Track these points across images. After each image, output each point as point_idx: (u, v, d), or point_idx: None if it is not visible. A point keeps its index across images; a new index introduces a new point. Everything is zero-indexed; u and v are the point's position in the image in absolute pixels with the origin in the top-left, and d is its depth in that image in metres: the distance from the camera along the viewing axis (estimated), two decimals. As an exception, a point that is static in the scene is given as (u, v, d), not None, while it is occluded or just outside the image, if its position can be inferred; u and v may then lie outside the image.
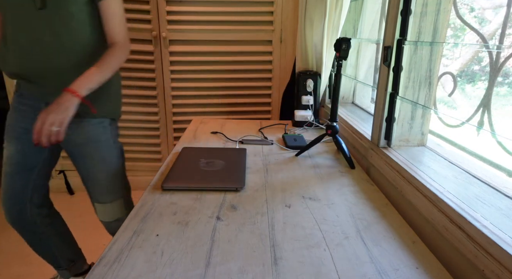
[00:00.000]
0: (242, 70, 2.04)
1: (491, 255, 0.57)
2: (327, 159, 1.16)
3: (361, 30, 1.63)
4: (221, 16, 1.93)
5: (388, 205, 0.87)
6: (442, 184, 0.78)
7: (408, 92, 0.99)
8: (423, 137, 1.04)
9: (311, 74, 1.57)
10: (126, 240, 0.70)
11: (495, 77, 0.81)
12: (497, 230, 0.60)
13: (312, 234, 0.73)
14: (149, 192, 0.91)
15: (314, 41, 1.60)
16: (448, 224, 0.68)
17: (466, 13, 1.02)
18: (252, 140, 1.35)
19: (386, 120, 1.02)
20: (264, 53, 2.03)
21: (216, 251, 0.68)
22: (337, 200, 0.88)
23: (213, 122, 1.62)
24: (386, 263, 0.65)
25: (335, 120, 1.16)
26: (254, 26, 1.97)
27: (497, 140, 0.82)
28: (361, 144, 1.17)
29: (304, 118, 1.54)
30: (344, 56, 1.09)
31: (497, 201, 0.70)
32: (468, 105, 1.00)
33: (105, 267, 0.63)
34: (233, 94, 2.07)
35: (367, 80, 1.65)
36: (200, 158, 1.09)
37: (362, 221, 0.79)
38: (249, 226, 0.76)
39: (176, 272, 0.61)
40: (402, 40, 0.95)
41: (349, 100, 1.74)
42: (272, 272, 0.62)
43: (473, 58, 1.05)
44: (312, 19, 1.58)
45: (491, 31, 0.93)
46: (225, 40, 1.97)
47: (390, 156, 0.96)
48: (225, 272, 0.62)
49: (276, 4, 1.93)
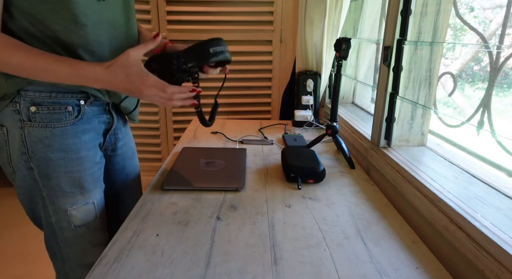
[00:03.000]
0: (242, 70, 2.04)
1: (491, 255, 0.57)
2: (327, 159, 1.16)
3: (361, 30, 1.63)
4: (221, 16, 1.93)
5: (388, 205, 0.87)
6: (442, 184, 0.78)
7: (408, 92, 0.99)
8: (423, 137, 1.04)
9: (311, 74, 1.57)
10: (126, 240, 0.70)
11: (495, 77, 0.81)
12: (497, 230, 0.60)
13: (312, 234, 0.73)
14: (149, 192, 0.91)
15: (314, 41, 1.60)
16: (448, 224, 0.68)
17: (466, 13, 1.02)
18: (252, 139, 1.35)
19: (386, 120, 1.02)
20: (264, 53, 2.02)
21: (216, 251, 0.68)
22: (337, 200, 0.88)
23: (214, 122, 1.62)
24: (386, 263, 0.65)
25: (335, 120, 1.16)
26: (254, 26, 1.97)
27: (497, 139, 0.82)
28: (361, 144, 1.17)
29: (304, 118, 1.54)
30: (344, 56, 1.09)
31: (497, 201, 0.70)
32: (468, 105, 1.00)
33: (105, 267, 0.63)
34: (233, 94, 2.07)
35: (367, 80, 1.65)
36: (200, 158, 1.09)
37: (362, 221, 0.79)
38: (249, 226, 0.76)
39: (176, 272, 0.61)
40: (402, 40, 0.95)
41: (349, 100, 1.74)
42: (272, 272, 0.62)
43: (473, 58, 1.05)
44: (312, 19, 1.58)
45: (491, 31, 0.93)
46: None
47: (390, 156, 0.96)
48: (225, 272, 0.62)
49: (276, 4, 1.93)
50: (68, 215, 0.80)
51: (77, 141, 0.78)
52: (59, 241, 0.82)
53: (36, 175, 0.76)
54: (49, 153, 0.75)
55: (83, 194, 0.81)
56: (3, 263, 1.68)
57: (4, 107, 0.73)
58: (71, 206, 0.79)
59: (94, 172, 0.82)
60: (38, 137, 0.74)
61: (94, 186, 0.83)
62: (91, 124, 0.81)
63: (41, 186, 0.77)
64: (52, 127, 0.75)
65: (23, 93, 0.72)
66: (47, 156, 0.75)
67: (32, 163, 0.75)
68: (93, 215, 0.84)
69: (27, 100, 0.73)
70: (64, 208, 0.79)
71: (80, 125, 0.78)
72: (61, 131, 0.76)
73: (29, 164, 0.75)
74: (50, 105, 0.74)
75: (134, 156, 1.04)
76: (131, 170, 1.02)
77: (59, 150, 0.76)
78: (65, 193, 0.78)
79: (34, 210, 0.82)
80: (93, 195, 0.83)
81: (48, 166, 0.76)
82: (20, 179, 0.78)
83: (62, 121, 0.76)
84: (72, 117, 0.77)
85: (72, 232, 0.81)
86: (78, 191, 0.80)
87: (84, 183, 0.80)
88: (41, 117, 0.73)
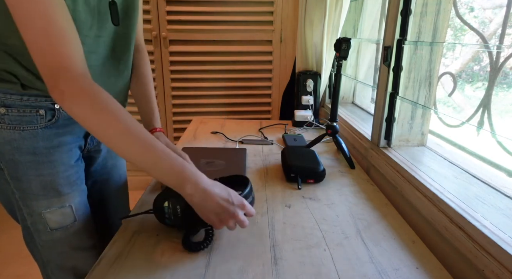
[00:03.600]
0: (242, 70, 2.04)
1: (491, 255, 0.57)
2: (327, 159, 1.16)
3: (361, 30, 1.63)
4: (221, 16, 1.93)
5: (388, 205, 0.87)
6: (442, 184, 0.78)
7: (408, 92, 0.99)
8: (423, 137, 1.04)
9: (311, 74, 1.57)
10: (126, 240, 0.70)
11: (495, 77, 0.81)
12: (497, 230, 0.60)
13: (312, 234, 0.73)
14: (149, 192, 0.91)
15: (314, 41, 1.60)
16: (448, 224, 0.68)
17: (466, 13, 1.02)
18: (252, 140, 1.35)
19: (386, 120, 1.02)
20: (264, 53, 2.03)
21: (216, 251, 0.68)
22: (337, 200, 0.88)
23: (213, 122, 1.62)
24: (386, 263, 0.65)
25: (335, 120, 1.16)
26: (254, 26, 1.97)
27: (497, 139, 0.82)
28: (361, 144, 1.17)
29: (304, 118, 1.54)
30: (344, 56, 1.09)
31: (497, 201, 0.70)
32: (468, 105, 1.00)
33: (105, 267, 0.63)
34: (233, 94, 2.07)
35: (367, 80, 1.65)
36: (200, 158, 1.09)
37: (362, 221, 0.79)
38: (249, 226, 0.76)
39: (176, 272, 0.61)
40: (402, 40, 0.95)
41: (349, 100, 1.74)
42: (272, 272, 0.62)
43: (473, 58, 1.05)
44: (312, 19, 1.58)
45: (491, 31, 0.93)
46: (225, 40, 1.97)
47: (390, 156, 0.96)
48: (225, 272, 0.62)
49: (276, 4, 1.93)
50: (43, 218, 0.78)
51: (48, 144, 0.75)
52: (37, 244, 0.81)
53: (7, 176, 0.75)
54: (17, 155, 0.73)
55: (58, 197, 0.78)
56: (3, 263, 1.68)
57: None
58: (45, 209, 0.77)
59: (69, 175, 0.79)
60: (6, 139, 0.72)
61: (70, 189, 0.80)
62: (68, 128, 0.79)
63: (13, 189, 0.76)
64: (21, 130, 0.73)
65: None
66: (15, 158, 0.73)
67: (2, 164, 0.74)
68: (70, 218, 0.80)
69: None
70: (38, 211, 0.77)
71: (53, 129, 0.76)
72: (30, 134, 0.73)
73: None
74: (20, 108, 0.72)
75: (118, 157, 1.01)
76: (114, 168, 1.00)
77: (28, 153, 0.74)
78: (37, 196, 0.76)
79: (13, 211, 0.81)
80: (70, 198, 0.80)
81: (17, 168, 0.74)
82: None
83: (32, 124, 0.73)
84: (44, 121, 0.75)
85: (49, 234, 0.79)
86: (52, 194, 0.77)
87: (57, 186, 0.77)
88: (10, 119, 0.71)
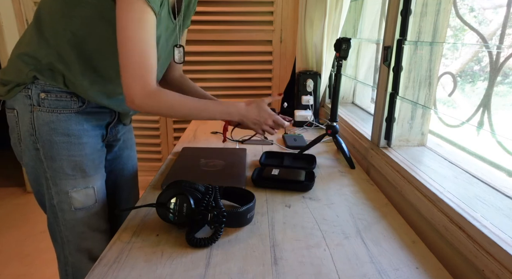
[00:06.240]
0: (242, 70, 2.04)
1: (491, 255, 0.57)
2: (327, 159, 1.16)
3: (361, 30, 1.63)
4: (221, 16, 1.93)
5: (388, 205, 0.87)
6: (442, 184, 0.78)
7: (408, 92, 0.99)
8: (423, 137, 1.04)
9: (311, 74, 1.57)
10: (126, 240, 0.70)
11: (495, 77, 0.81)
12: (497, 230, 0.60)
13: (312, 234, 0.73)
14: (149, 192, 0.91)
15: (314, 41, 1.60)
16: (448, 224, 0.68)
17: (466, 13, 1.02)
18: (252, 139, 1.35)
19: (386, 120, 1.02)
20: (264, 53, 2.03)
21: (216, 251, 0.68)
22: (337, 200, 0.88)
23: (213, 122, 1.62)
24: (386, 263, 0.65)
25: (335, 120, 1.16)
26: (254, 26, 1.97)
27: (497, 139, 0.82)
28: (361, 144, 1.17)
29: (304, 118, 1.54)
30: (344, 56, 1.09)
31: (497, 201, 0.70)
32: (468, 105, 1.00)
33: (105, 267, 0.63)
34: (233, 94, 2.07)
35: (367, 80, 1.65)
36: (200, 158, 1.09)
37: (362, 221, 0.79)
38: (249, 226, 0.76)
39: (176, 272, 0.61)
40: (402, 40, 0.95)
41: (349, 100, 1.74)
42: (272, 272, 0.62)
43: (473, 58, 1.05)
44: (312, 19, 1.58)
45: (491, 31, 0.93)
46: (225, 40, 1.97)
47: (390, 156, 0.96)
48: (225, 272, 0.62)
49: (276, 4, 1.93)
50: (69, 197, 0.85)
51: (79, 127, 0.84)
52: (60, 224, 0.87)
53: (42, 156, 0.83)
54: (54, 136, 0.82)
55: (84, 177, 0.86)
56: (3, 263, 1.68)
57: (17, 93, 0.81)
58: (72, 188, 0.85)
59: (94, 158, 0.88)
60: (45, 121, 0.81)
61: (94, 172, 0.88)
62: (94, 116, 0.88)
63: (46, 168, 0.83)
64: (58, 113, 0.82)
65: (35, 82, 0.81)
66: (51, 138, 0.82)
67: (39, 144, 0.82)
68: (92, 199, 0.88)
69: (38, 88, 0.80)
70: (66, 189, 0.84)
71: (84, 114, 0.85)
72: (66, 117, 0.83)
73: (36, 145, 0.82)
74: (58, 93, 0.82)
75: (132, 148, 1.11)
76: (128, 159, 1.08)
77: (63, 134, 0.82)
78: (67, 175, 0.84)
79: (40, 192, 0.88)
80: (94, 180, 0.88)
81: (52, 148, 0.82)
82: (28, 158, 0.84)
83: (68, 108, 0.83)
84: (77, 106, 0.84)
85: (72, 214, 0.86)
86: (79, 174, 0.85)
87: (85, 167, 0.85)
88: (49, 103, 0.81)
